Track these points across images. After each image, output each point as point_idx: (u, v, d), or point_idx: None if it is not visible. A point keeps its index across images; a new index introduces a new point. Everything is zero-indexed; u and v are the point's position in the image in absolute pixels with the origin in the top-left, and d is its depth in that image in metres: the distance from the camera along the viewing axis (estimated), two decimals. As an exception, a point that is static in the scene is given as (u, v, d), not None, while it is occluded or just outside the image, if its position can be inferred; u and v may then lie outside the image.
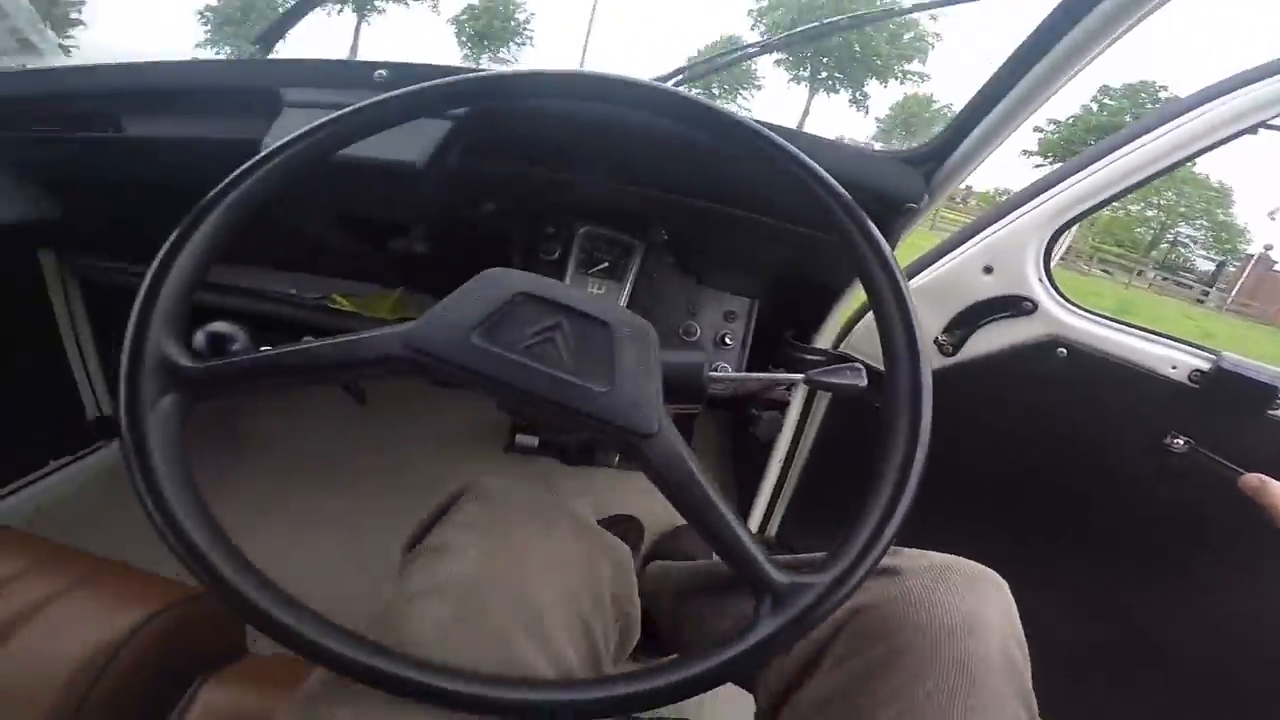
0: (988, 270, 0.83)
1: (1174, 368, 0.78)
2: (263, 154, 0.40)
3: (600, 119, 0.64)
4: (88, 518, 1.10)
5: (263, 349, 0.37)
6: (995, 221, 0.81)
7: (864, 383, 0.50)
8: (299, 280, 1.00)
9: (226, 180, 0.39)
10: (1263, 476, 0.59)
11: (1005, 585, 0.46)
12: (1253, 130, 0.68)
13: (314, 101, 0.68)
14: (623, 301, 0.77)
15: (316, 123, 0.42)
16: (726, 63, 0.76)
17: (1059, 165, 0.82)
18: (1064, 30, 0.62)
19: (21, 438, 1.12)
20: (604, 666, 0.44)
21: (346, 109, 0.42)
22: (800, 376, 0.53)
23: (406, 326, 0.36)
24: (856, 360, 0.57)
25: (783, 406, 1.05)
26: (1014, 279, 0.82)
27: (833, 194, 0.42)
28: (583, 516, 0.50)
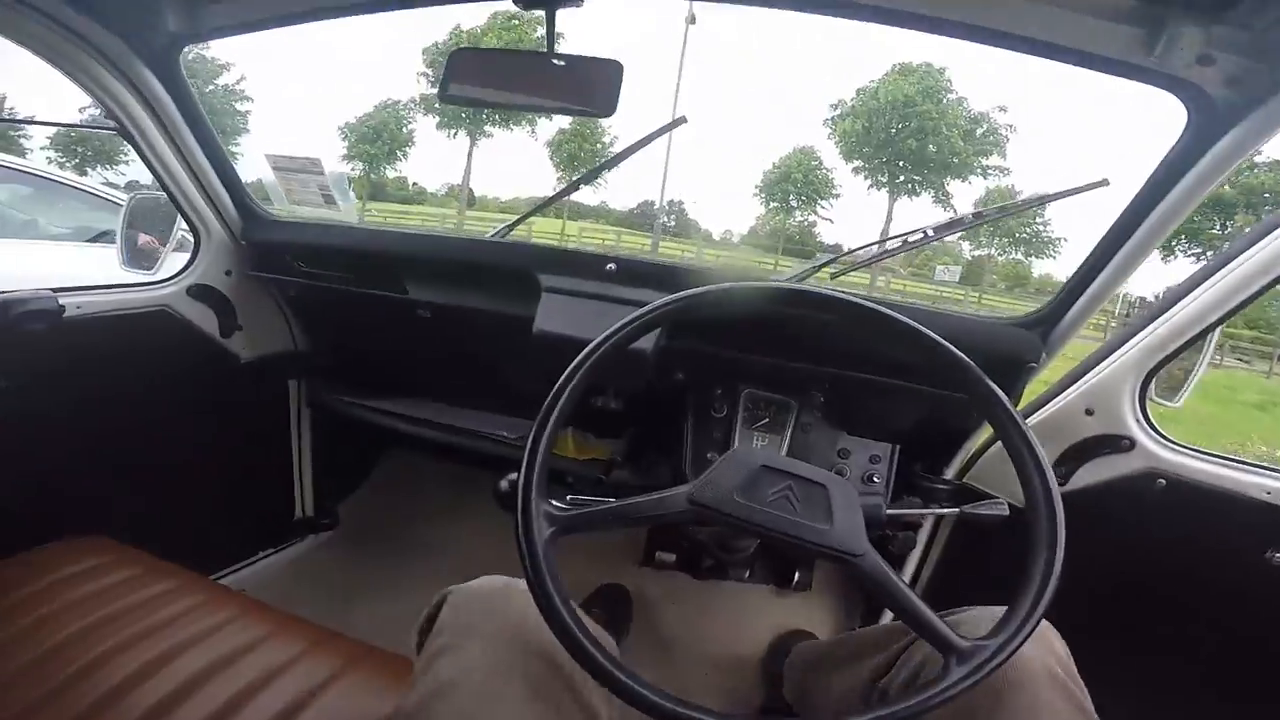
0: (1089, 412, 0.90)
1: (1268, 493, 0.81)
2: (591, 346, 0.56)
3: (797, 314, 0.76)
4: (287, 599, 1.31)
5: (594, 499, 0.55)
6: (1095, 366, 0.89)
7: (1007, 513, 0.66)
8: (496, 420, 1.20)
9: (570, 369, 0.55)
10: None
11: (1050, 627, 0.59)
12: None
13: (565, 289, 0.88)
14: (783, 451, 0.91)
15: (635, 316, 0.57)
16: (871, 258, 0.93)
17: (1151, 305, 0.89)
18: (1184, 169, 0.68)
19: (240, 530, 1.33)
20: None
21: (652, 307, 0.57)
22: (956, 510, 0.69)
23: (688, 488, 0.53)
24: (992, 494, 0.73)
25: (914, 528, 1.14)
26: (1112, 420, 0.89)
27: (978, 382, 0.57)
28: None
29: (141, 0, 0.82)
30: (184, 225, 1.10)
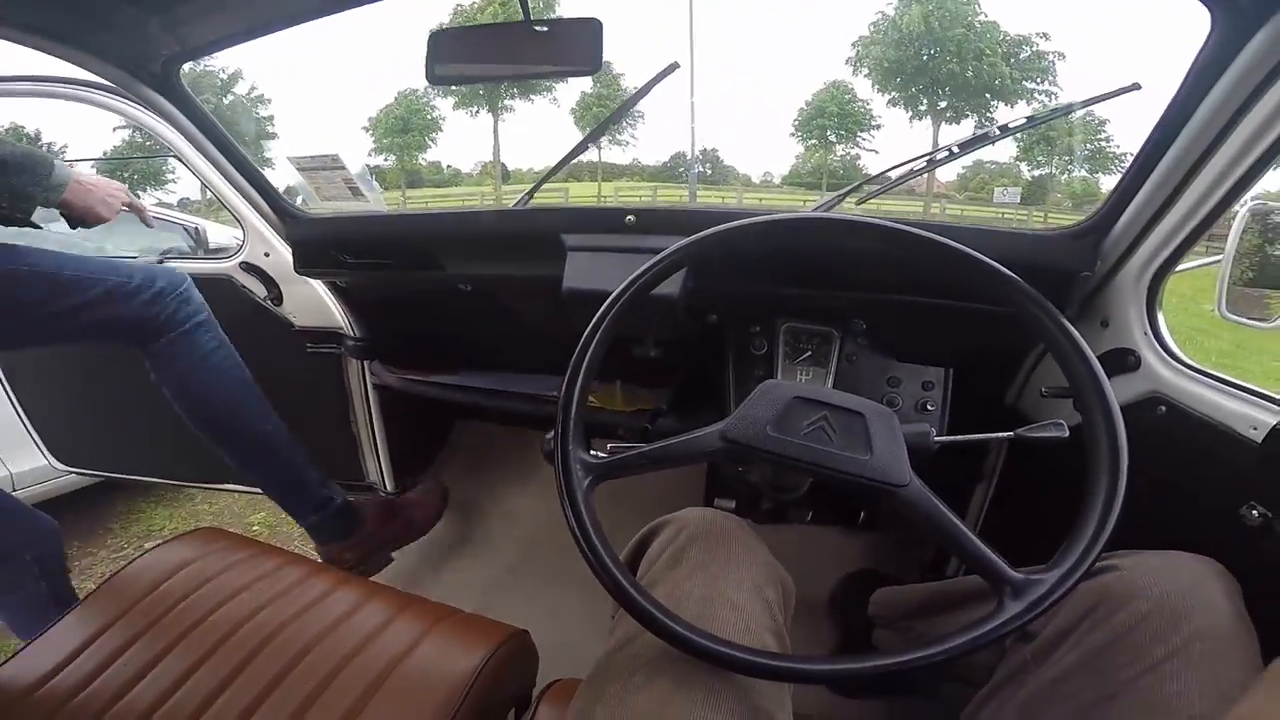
0: (1104, 324, 0.84)
1: (1254, 428, 0.68)
2: (614, 296, 0.57)
3: (824, 244, 0.77)
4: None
5: (629, 445, 0.56)
6: (1112, 272, 0.82)
7: (1066, 435, 0.61)
8: (549, 382, 1.24)
9: (595, 319, 0.56)
10: None
11: (1226, 571, 0.54)
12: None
13: (589, 245, 0.90)
14: (829, 384, 0.90)
15: (649, 264, 0.58)
16: (901, 178, 0.90)
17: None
18: (1217, 73, 0.61)
19: None
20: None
21: (668, 252, 0.58)
22: (1011, 435, 0.65)
23: (720, 426, 0.53)
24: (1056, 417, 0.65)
25: (977, 456, 1.13)
26: (1123, 333, 0.82)
27: (1016, 286, 0.54)
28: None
29: (129, 30, 0.87)
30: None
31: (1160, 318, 0.80)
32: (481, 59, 0.80)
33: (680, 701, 0.45)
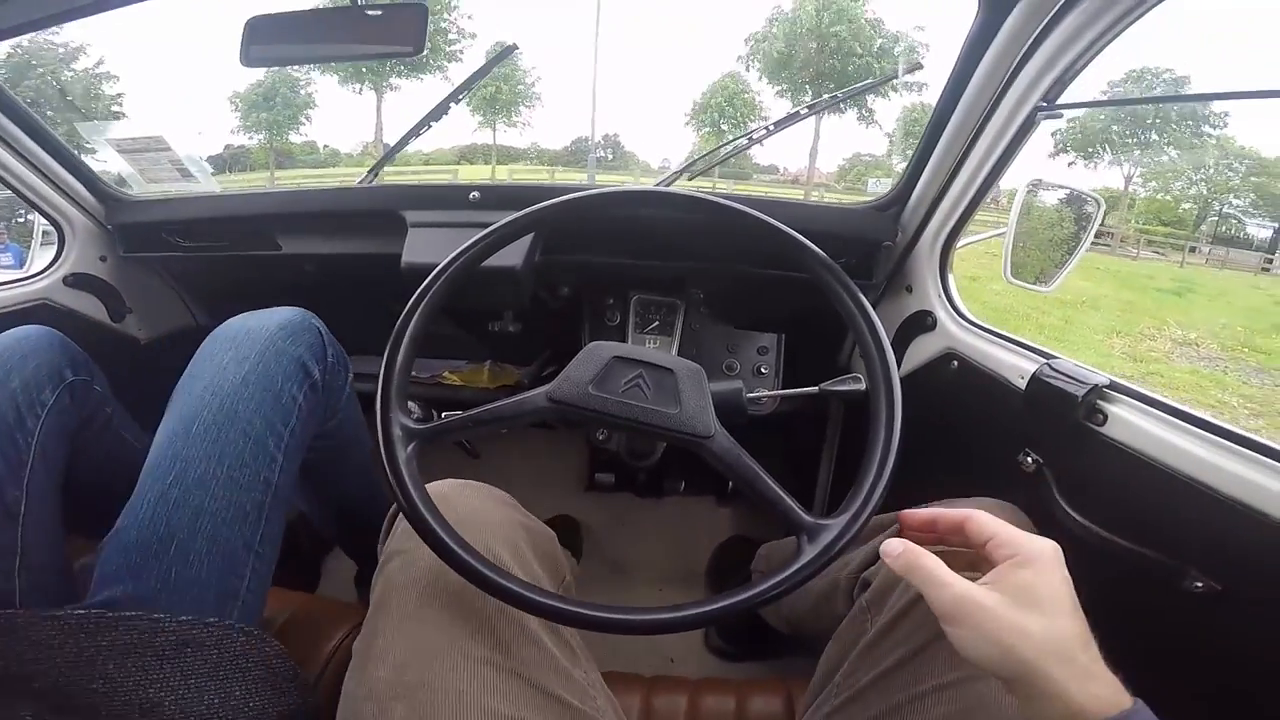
0: (909, 289, 0.92)
1: (1021, 377, 0.70)
2: (440, 268, 0.57)
3: (643, 214, 0.81)
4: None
5: (446, 413, 0.56)
6: (913, 242, 0.90)
7: (864, 387, 0.63)
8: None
9: (418, 293, 0.56)
10: (906, 542, 0.45)
11: (1023, 513, 0.58)
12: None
13: (430, 221, 0.90)
14: (674, 350, 0.96)
15: (473, 240, 0.58)
16: (728, 154, 0.96)
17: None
18: (979, 55, 0.68)
19: None
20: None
21: (493, 227, 0.58)
22: (815, 389, 0.70)
23: (546, 387, 0.54)
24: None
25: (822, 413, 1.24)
26: (922, 296, 0.90)
27: (810, 253, 0.59)
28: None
29: None
30: (44, 220, 1.05)
31: (951, 281, 0.88)
32: (304, 40, 0.80)
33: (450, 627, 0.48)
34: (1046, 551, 0.42)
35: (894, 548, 0.45)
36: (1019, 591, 0.40)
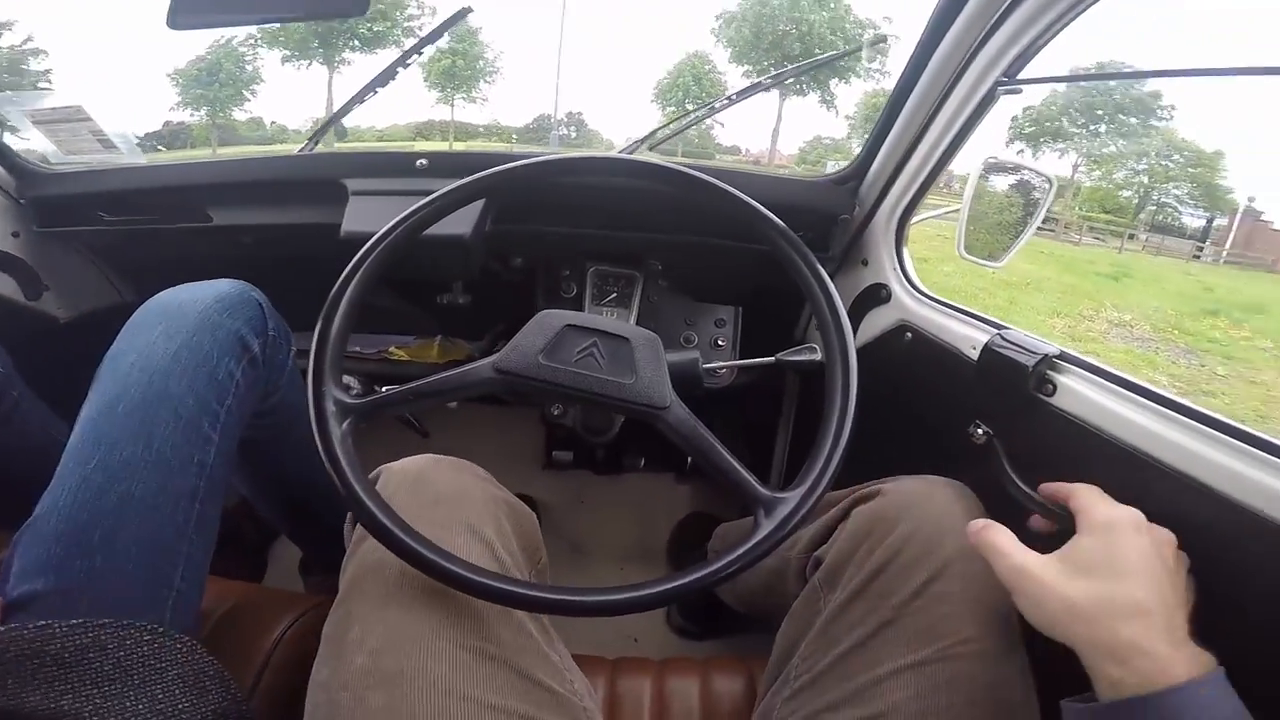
0: (864, 263, 0.93)
1: (974, 348, 0.70)
2: (378, 236, 0.54)
3: (599, 183, 0.80)
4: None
5: (387, 388, 0.53)
6: (869, 216, 0.90)
7: (819, 358, 0.64)
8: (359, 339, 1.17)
9: (354, 261, 0.53)
10: (987, 521, 0.48)
11: (971, 493, 0.58)
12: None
13: (373, 189, 0.85)
14: (631, 322, 0.94)
15: (415, 207, 0.55)
16: (689, 123, 0.94)
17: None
18: (945, 28, 0.67)
19: None
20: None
21: (436, 194, 0.56)
22: (772, 359, 0.69)
23: (493, 357, 0.52)
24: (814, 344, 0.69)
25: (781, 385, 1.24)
26: (878, 269, 0.91)
27: (770, 224, 0.58)
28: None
29: None
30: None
31: (906, 254, 0.89)
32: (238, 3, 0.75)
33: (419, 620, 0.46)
34: (1117, 518, 0.43)
35: (976, 525, 0.48)
36: (1075, 558, 0.42)
